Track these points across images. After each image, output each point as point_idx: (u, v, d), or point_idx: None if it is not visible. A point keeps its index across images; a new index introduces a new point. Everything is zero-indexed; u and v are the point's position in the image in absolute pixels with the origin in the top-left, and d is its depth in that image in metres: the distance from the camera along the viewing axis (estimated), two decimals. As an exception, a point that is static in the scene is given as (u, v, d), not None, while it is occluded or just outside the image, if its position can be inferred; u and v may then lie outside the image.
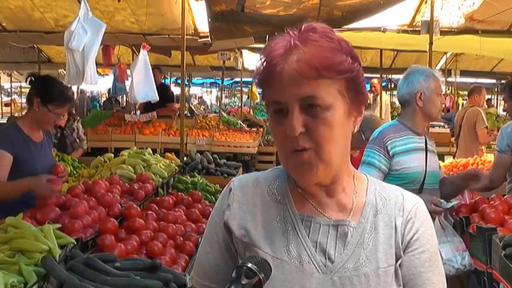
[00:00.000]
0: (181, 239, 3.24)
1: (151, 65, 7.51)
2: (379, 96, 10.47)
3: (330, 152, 1.13)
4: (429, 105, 3.31)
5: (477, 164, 6.18)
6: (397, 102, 22.32)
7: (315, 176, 1.15)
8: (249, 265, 1.05)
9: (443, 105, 3.33)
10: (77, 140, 6.04)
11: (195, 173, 5.37)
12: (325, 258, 1.18)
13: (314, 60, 1.10)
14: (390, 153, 3.23)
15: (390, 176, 3.22)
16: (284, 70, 1.11)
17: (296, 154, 1.13)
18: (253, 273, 1.05)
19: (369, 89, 10.61)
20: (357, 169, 1.30)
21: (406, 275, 1.21)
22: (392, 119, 10.89)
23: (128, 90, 9.31)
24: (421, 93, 3.28)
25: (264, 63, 1.15)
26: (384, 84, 13.59)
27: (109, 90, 16.30)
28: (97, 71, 5.35)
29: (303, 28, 1.15)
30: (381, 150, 3.24)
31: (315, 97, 1.10)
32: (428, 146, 3.36)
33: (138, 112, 9.85)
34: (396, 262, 1.20)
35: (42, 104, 3.46)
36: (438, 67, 12.11)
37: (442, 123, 11.61)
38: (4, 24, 7.21)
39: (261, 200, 1.25)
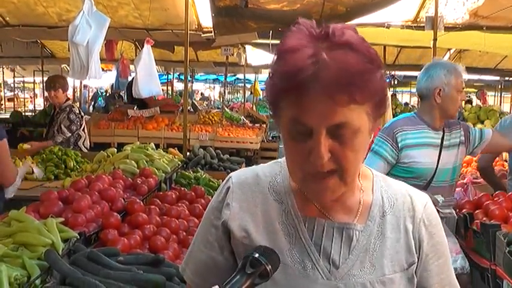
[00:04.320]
0: (184, 233, 3.24)
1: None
2: None
3: (353, 174, 1.09)
4: (447, 102, 3.18)
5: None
6: (400, 99, 22.30)
7: (335, 197, 1.11)
8: (256, 255, 1.03)
9: (463, 101, 3.27)
10: (55, 132, 5.99)
11: (198, 168, 5.39)
12: (329, 264, 1.13)
13: (351, 86, 0.98)
14: (399, 145, 3.16)
15: (398, 168, 3.20)
16: (313, 91, 0.99)
17: (318, 179, 1.06)
18: (259, 263, 1.02)
19: None
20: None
21: (429, 285, 1.20)
22: (394, 117, 10.84)
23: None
24: (440, 90, 3.16)
25: (289, 75, 1.01)
26: (387, 80, 13.52)
27: (112, 85, 16.32)
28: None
29: (330, 32, 1.03)
30: (389, 140, 3.19)
31: (346, 123, 1.01)
32: (444, 141, 3.23)
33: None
34: (408, 268, 1.16)
35: None
36: (442, 63, 12.06)
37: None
38: (7, 18, 7.19)
39: (262, 199, 1.19)
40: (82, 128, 6.13)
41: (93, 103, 19.58)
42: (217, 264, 1.20)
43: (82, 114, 6.19)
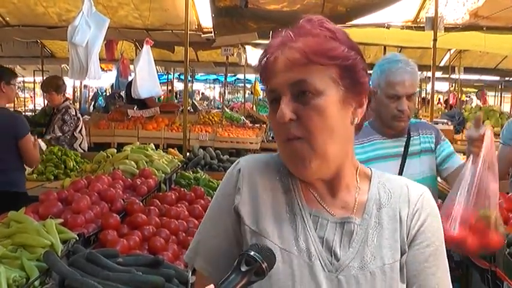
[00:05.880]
0: (183, 234, 3.23)
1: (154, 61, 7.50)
2: None
3: (323, 142, 1.10)
4: (380, 107, 2.69)
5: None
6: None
7: (309, 169, 1.12)
8: (251, 253, 1.02)
9: (401, 112, 2.61)
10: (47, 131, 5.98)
11: (198, 169, 5.39)
12: (331, 256, 1.15)
13: (305, 47, 1.10)
14: None
15: None
16: (278, 59, 1.13)
17: (288, 143, 1.12)
18: (254, 261, 1.01)
19: None
20: None
21: (410, 271, 1.18)
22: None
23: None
24: (374, 91, 2.66)
25: (262, 56, 1.18)
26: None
27: (112, 85, 16.32)
28: (100, 67, 5.35)
29: (300, 22, 1.16)
30: None
31: (305, 82, 1.09)
32: (410, 147, 2.72)
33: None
34: (401, 256, 1.17)
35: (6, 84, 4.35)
36: (442, 64, 12.07)
37: (445, 120, 11.55)
38: (7, 18, 7.21)
39: (270, 185, 1.21)
40: (79, 129, 6.08)
41: (93, 103, 19.56)
42: (233, 250, 1.20)
43: (79, 116, 6.13)
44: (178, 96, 20.17)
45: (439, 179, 2.93)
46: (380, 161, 2.66)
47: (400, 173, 2.64)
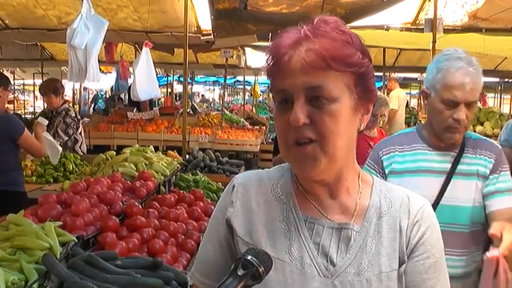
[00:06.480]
0: (182, 237, 3.23)
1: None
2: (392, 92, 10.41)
3: (334, 145, 1.10)
4: (432, 112, 2.27)
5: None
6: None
7: (318, 170, 1.11)
8: (248, 257, 1.02)
9: (458, 122, 2.17)
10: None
11: (197, 171, 5.38)
12: (327, 261, 1.15)
13: (323, 51, 1.07)
14: (385, 171, 2.31)
15: None
16: (292, 59, 1.09)
17: (298, 147, 1.10)
18: (251, 265, 1.02)
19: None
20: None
21: (410, 281, 1.18)
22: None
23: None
24: (427, 93, 2.26)
25: (273, 53, 1.13)
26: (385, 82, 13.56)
27: (112, 87, 16.33)
28: (100, 69, 5.35)
29: (315, 21, 1.13)
30: (374, 166, 2.35)
31: (322, 88, 1.07)
32: (460, 165, 2.24)
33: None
34: (400, 266, 1.17)
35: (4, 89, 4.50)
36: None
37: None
38: (7, 21, 7.20)
39: (265, 199, 1.22)
40: (79, 131, 6.09)
41: (93, 105, 19.57)
42: (224, 263, 1.22)
43: (78, 117, 6.15)
44: (177, 98, 20.18)
45: None
46: (419, 175, 2.25)
47: (441, 193, 2.21)
